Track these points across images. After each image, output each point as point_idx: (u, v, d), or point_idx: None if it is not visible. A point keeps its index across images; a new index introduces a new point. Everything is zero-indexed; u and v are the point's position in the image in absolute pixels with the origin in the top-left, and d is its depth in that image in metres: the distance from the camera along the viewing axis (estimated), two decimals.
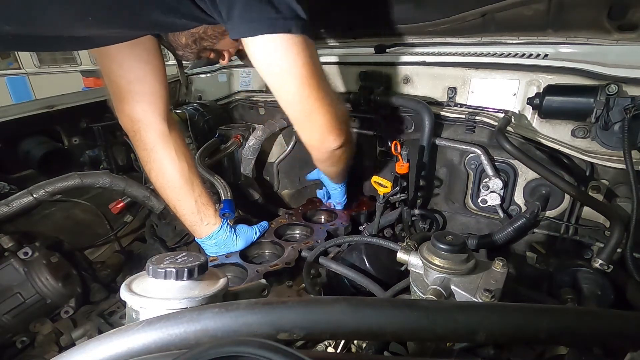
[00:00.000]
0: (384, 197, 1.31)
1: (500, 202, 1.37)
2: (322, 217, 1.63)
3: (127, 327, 0.47)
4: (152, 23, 0.93)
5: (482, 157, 1.35)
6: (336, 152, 1.17)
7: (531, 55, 1.33)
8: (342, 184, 1.57)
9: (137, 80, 1.14)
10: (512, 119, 1.29)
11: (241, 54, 1.22)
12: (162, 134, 1.22)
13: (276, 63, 0.95)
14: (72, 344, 1.09)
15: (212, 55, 1.15)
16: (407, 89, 1.52)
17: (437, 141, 1.43)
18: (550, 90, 1.19)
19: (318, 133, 1.10)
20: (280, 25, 0.88)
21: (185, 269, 0.55)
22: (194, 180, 1.28)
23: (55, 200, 1.50)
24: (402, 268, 0.87)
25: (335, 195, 1.60)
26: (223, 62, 1.21)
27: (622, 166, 1.09)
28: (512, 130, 1.28)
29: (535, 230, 1.36)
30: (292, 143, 1.86)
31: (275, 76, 0.98)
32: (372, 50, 1.67)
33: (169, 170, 1.24)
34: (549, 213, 1.33)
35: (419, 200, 1.52)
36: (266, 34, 0.88)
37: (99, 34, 1.00)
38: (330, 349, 0.80)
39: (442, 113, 1.41)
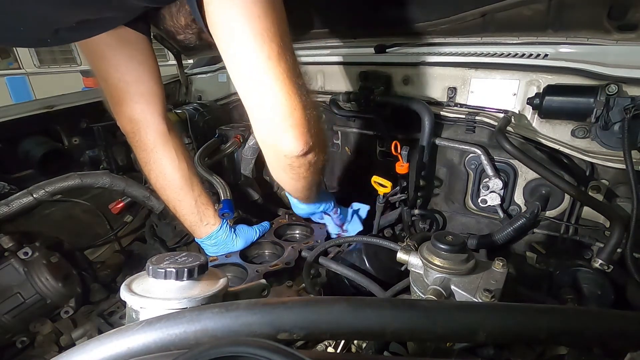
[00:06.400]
0: (384, 197, 1.31)
1: (500, 202, 1.37)
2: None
3: (127, 327, 0.47)
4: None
5: (482, 157, 1.35)
6: (301, 159, 0.87)
7: (531, 55, 1.33)
8: (316, 205, 1.32)
9: (134, 82, 1.13)
10: (512, 119, 1.29)
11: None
12: (162, 134, 1.22)
13: (233, 10, 0.73)
14: (72, 344, 1.09)
15: None
16: (407, 89, 1.52)
17: (437, 141, 1.43)
18: (550, 90, 1.19)
19: (277, 120, 0.79)
20: None
21: (185, 269, 0.55)
22: (194, 180, 1.28)
23: (55, 200, 1.50)
24: (402, 268, 0.87)
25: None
26: None
27: (622, 166, 1.09)
28: (512, 130, 1.28)
29: (535, 230, 1.36)
30: None
31: (227, 24, 0.75)
32: (372, 50, 1.67)
33: (169, 170, 1.24)
34: (549, 213, 1.33)
35: (419, 200, 1.52)
36: None
37: (74, 17, 0.91)
38: (330, 349, 0.80)
39: (442, 113, 1.41)
